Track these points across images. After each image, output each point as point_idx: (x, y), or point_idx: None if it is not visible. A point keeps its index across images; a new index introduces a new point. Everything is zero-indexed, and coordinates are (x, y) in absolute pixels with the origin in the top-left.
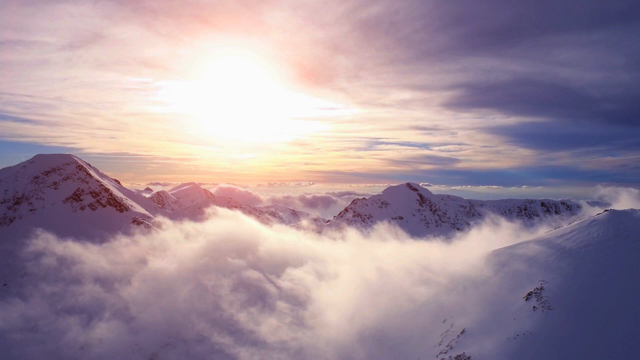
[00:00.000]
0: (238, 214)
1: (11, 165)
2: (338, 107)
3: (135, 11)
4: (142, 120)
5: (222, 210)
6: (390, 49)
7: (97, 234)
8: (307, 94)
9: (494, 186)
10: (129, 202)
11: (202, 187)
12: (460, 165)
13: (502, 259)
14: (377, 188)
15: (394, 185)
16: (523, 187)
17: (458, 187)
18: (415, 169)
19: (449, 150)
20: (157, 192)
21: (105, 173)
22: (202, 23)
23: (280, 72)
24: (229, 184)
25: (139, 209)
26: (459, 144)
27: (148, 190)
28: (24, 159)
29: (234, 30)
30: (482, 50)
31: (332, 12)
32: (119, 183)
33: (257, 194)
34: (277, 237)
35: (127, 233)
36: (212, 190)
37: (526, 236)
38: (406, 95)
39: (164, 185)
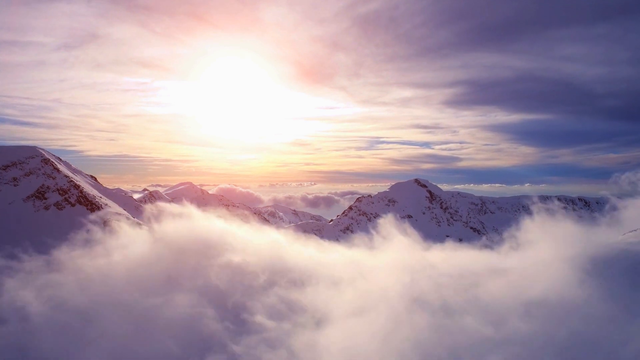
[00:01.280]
0: (193, 211)
1: None
2: (338, 107)
3: (129, 9)
4: (142, 121)
5: (184, 211)
6: (390, 46)
7: (53, 239)
8: (307, 92)
9: (496, 184)
10: (105, 200)
11: (203, 187)
12: (461, 164)
13: (598, 269)
14: (379, 188)
15: (401, 182)
16: (526, 185)
17: (460, 186)
18: (417, 168)
19: (450, 149)
20: (150, 192)
21: (104, 176)
22: (197, 21)
23: (279, 71)
24: (229, 184)
25: (116, 208)
26: (460, 143)
27: (145, 191)
28: None
29: (231, 28)
30: (484, 46)
31: (330, 8)
32: (95, 180)
33: (259, 195)
34: (247, 246)
35: (84, 238)
36: (213, 190)
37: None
38: (407, 93)
39: (164, 187)
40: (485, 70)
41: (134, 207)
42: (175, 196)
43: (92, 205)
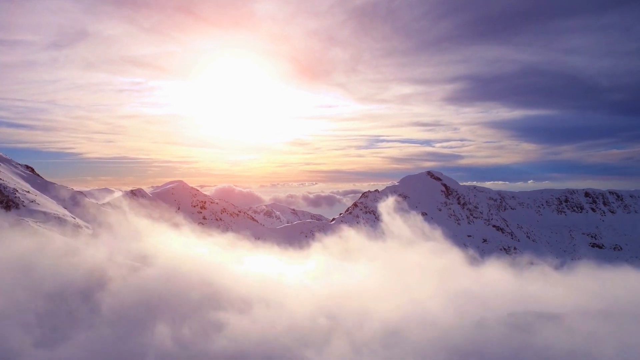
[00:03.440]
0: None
1: None
2: (337, 105)
3: (115, 5)
4: (139, 122)
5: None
6: (389, 39)
7: None
8: (305, 90)
9: (499, 182)
10: (32, 196)
11: (203, 187)
12: (463, 162)
13: None
14: (380, 187)
15: (412, 174)
16: (529, 182)
17: (463, 184)
18: (418, 166)
19: (451, 147)
20: (132, 191)
21: (104, 178)
22: (187, 16)
23: (276, 68)
24: (229, 185)
25: (50, 207)
26: (461, 140)
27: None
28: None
29: (223, 23)
30: (486, 39)
31: (325, 0)
32: (32, 171)
33: (260, 195)
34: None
35: None
36: (212, 190)
37: None
38: (406, 89)
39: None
40: (486, 64)
41: (83, 207)
42: (161, 195)
43: (8, 203)
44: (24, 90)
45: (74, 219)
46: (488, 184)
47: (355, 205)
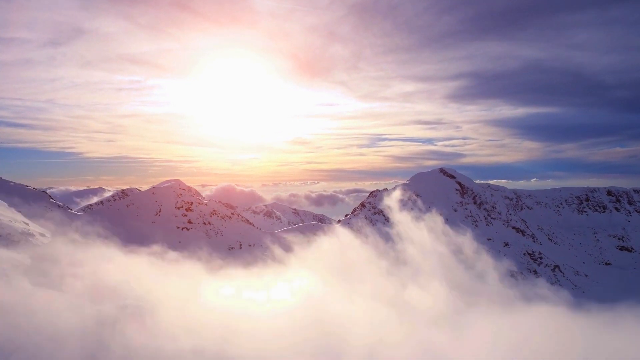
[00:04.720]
0: None
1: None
2: (338, 103)
3: (111, 0)
4: (138, 121)
5: None
6: (390, 35)
7: None
8: (305, 88)
9: (503, 180)
10: None
11: (205, 187)
12: (465, 161)
13: None
14: (382, 185)
15: (424, 172)
16: (532, 180)
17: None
18: (419, 165)
19: (453, 145)
20: (123, 190)
21: (105, 177)
22: (185, 12)
23: (275, 65)
24: (231, 184)
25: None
26: (463, 139)
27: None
28: (25, 166)
29: (221, 18)
30: (490, 34)
31: None
32: None
33: (261, 194)
34: None
35: None
36: (213, 189)
37: None
38: (408, 87)
39: None
40: (490, 61)
41: (45, 211)
42: (146, 195)
43: None
44: (22, 89)
45: (27, 225)
46: (491, 182)
47: (362, 205)
